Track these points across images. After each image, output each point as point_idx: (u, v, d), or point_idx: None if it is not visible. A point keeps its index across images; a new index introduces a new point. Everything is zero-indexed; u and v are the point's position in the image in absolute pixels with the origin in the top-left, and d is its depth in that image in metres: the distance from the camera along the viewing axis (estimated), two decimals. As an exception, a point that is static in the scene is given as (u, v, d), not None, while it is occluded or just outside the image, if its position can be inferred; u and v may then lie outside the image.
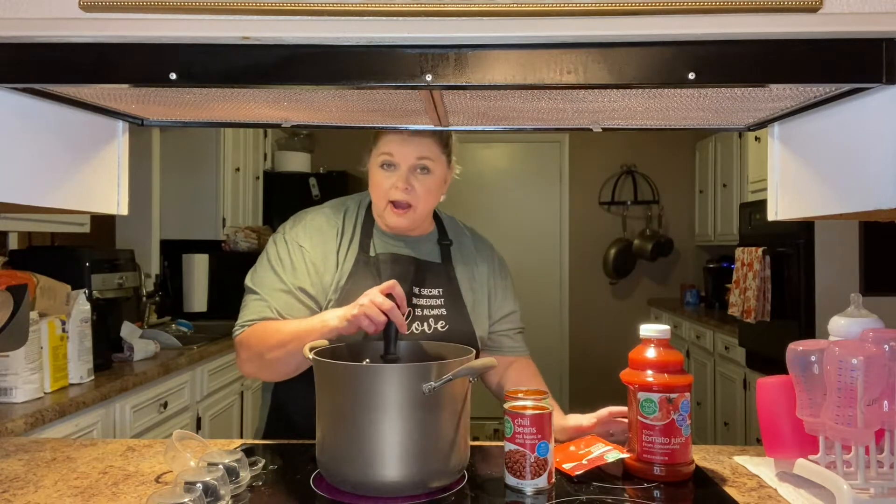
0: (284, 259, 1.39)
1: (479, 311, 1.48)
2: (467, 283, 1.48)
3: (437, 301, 1.42)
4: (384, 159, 1.37)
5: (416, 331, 1.38)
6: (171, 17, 0.86)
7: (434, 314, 1.41)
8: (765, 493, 1.09)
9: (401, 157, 1.36)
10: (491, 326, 1.52)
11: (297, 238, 1.41)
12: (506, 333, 1.54)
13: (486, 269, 1.52)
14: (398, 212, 1.38)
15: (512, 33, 0.86)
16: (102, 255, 2.49)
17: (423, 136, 1.36)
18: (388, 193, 1.37)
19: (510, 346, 1.54)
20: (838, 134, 0.99)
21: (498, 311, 1.52)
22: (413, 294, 1.40)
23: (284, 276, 1.37)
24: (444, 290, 1.44)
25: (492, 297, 1.51)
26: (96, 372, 2.24)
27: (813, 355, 1.03)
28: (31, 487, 1.11)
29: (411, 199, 1.37)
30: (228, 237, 3.86)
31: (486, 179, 5.38)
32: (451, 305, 1.43)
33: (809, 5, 0.82)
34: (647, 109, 1.07)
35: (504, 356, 1.52)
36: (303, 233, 1.41)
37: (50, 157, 1.02)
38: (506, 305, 1.54)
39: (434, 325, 1.40)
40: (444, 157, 1.41)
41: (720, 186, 4.66)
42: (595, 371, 5.21)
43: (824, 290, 3.00)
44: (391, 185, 1.37)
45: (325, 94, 1.00)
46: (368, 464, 1.04)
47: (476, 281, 1.50)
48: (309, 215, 1.45)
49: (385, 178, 1.37)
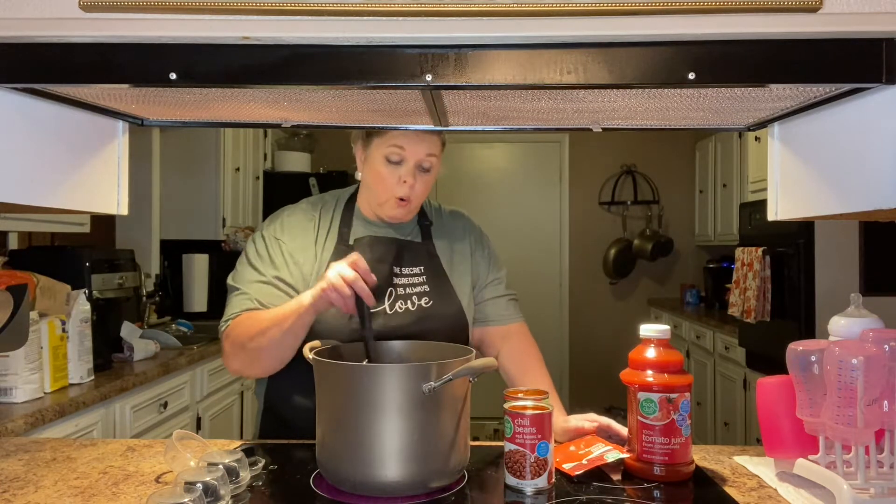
0: (262, 253, 1.40)
1: (462, 283, 1.48)
2: (448, 256, 1.49)
3: (418, 279, 1.43)
4: (392, 152, 1.36)
5: (400, 309, 1.38)
6: (171, 17, 0.86)
7: (417, 291, 1.41)
8: (765, 493, 1.09)
9: (411, 153, 1.36)
10: (476, 295, 1.52)
11: (274, 233, 1.42)
12: (493, 301, 1.53)
13: (464, 240, 1.53)
14: (402, 204, 1.39)
15: (512, 33, 0.86)
16: (102, 255, 2.49)
17: (430, 133, 1.37)
18: (395, 189, 1.37)
19: (499, 314, 1.53)
20: (838, 134, 0.99)
21: (481, 278, 1.53)
22: (394, 274, 1.41)
23: (263, 269, 1.38)
24: (426, 266, 1.45)
25: (474, 266, 1.52)
26: (96, 372, 2.24)
27: (813, 355, 1.03)
28: (31, 487, 1.11)
29: (412, 195, 1.38)
30: (228, 237, 3.86)
31: (486, 179, 5.39)
32: (433, 282, 1.44)
33: (809, 5, 0.82)
34: (647, 109, 1.07)
35: (496, 326, 1.52)
36: (279, 228, 1.43)
37: (50, 157, 1.02)
38: (489, 273, 1.54)
39: (418, 301, 1.40)
40: (441, 155, 1.43)
41: (720, 186, 4.66)
42: (595, 371, 5.21)
43: (824, 290, 3.00)
44: (398, 180, 1.37)
45: (325, 94, 1.00)
46: (368, 464, 1.04)
47: (456, 253, 1.50)
48: (285, 212, 1.47)
49: (391, 173, 1.37)
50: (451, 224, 1.55)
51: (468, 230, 1.56)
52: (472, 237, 1.55)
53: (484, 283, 1.53)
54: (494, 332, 1.52)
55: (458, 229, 1.55)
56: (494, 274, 1.55)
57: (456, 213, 1.58)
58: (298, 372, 1.28)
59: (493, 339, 1.52)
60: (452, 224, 1.55)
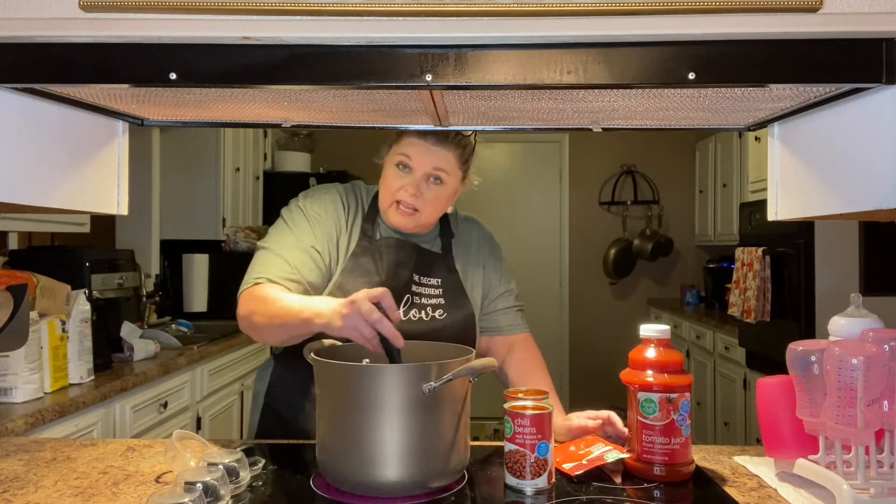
0: (299, 221, 1.39)
1: (474, 294, 1.49)
2: (463, 268, 1.49)
3: (435, 290, 1.43)
4: (401, 160, 1.36)
5: (414, 317, 1.39)
6: (171, 17, 0.86)
7: (432, 303, 1.42)
8: (765, 493, 1.09)
9: (417, 163, 1.35)
10: (486, 306, 1.52)
11: (311, 206, 1.41)
12: (502, 311, 1.54)
13: (479, 250, 1.54)
14: (403, 211, 1.37)
15: (512, 33, 0.86)
16: (102, 255, 2.49)
17: (444, 148, 1.35)
18: (396, 193, 1.37)
19: (507, 323, 1.54)
20: (838, 134, 0.99)
21: (492, 290, 1.53)
22: (413, 281, 1.41)
23: (299, 235, 1.37)
24: (443, 280, 1.45)
25: (486, 278, 1.52)
26: (96, 372, 2.24)
27: (813, 355, 1.03)
28: (31, 487, 1.11)
29: (418, 205, 1.37)
30: (228, 237, 3.86)
31: (486, 179, 5.32)
32: (449, 294, 1.44)
33: (809, 5, 0.82)
34: (647, 109, 1.07)
35: (503, 336, 1.53)
36: (317, 204, 1.42)
37: (50, 157, 1.02)
38: (500, 284, 1.54)
39: (432, 313, 1.41)
40: (461, 171, 1.41)
41: (720, 186, 4.66)
42: (595, 371, 5.21)
43: (824, 290, 3.00)
44: (401, 186, 1.36)
45: (325, 94, 1.00)
46: (368, 464, 1.04)
47: (469, 263, 1.51)
48: (320, 190, 1.46)
49: (397, 179, 1.37)
50: (467, 234, 1.54)
51: (482, 239, 1.56)
52: (485, 248, 1.55)
53: (495, 295, 1.53)
54: (501, 342, 1.53)
55: (473, 238, 1.55)
56: (505, 286, 1.55)
57: (470, 220, 1.58)
58: (298, 370, 1.28)
59: (498, 348, 1.53)
60: (468, 234, 1.55)
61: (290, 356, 1.34)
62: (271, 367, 1.49)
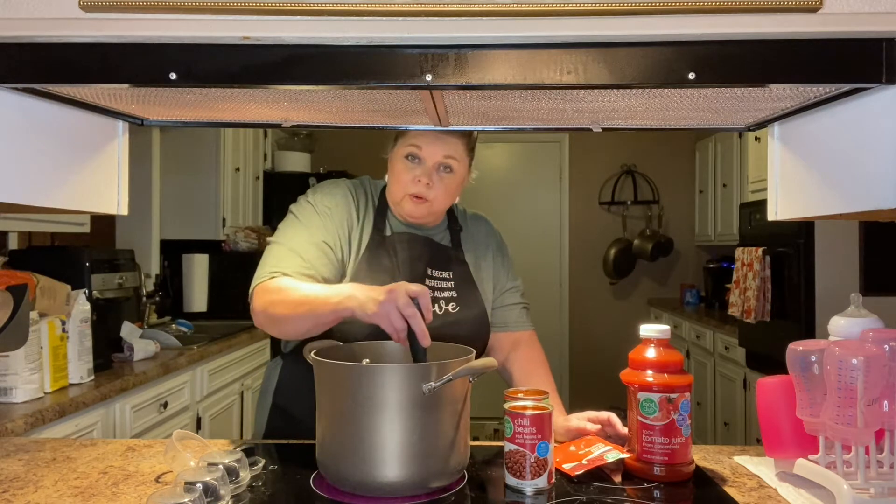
0: (311, 216, 1.38)
1: (486, 289, 1.50)
2: (473, 262, 1.50)
3: (447, 284, 1.44)
4: (411, 151, 1.36)
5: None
6: (172, 17, 0.86)
7: (445, 296, 1.42)
8: (765, 493, 1.09)
9: (428, 153, 1.36)
10: (494, 302, 1.53)
11: (322, 201, 1.41)
12: (510, 307, 1.55)
13: (488, 246, 1.55)
14: (417, 201, 1.38)
15: (512, 33, 0.86)
16: (102, 255, 2.49)
17: (452, 136, 1.36)
18: (408, 186, 1.37)
19: (514, 320, 1.55)
20: (838, 134, 0.99)
21: (500, 285, 1.54)
22: (427, 275, 1.41)
23: (311, 230, 1.36)
24: (455, 273, 1.46)
25: (495, 273, 1.54)
26: (96, 372, 2.24)
27: (813, 355, 1.03)
28: (31, 487, 1.11)
29: (429, 195, 1.37)
30: (228, 237, 3.86)
31: (487, 179, 5.37)
32: (461, 288, 1.45)
33: (809, 5, 0.82)
34: (647, 109, 1.07)
35: (509, 332, 1.54)
36: (327, 198, 1.41)
37: (50, 157, 1.02)
38: (507, 280, 1.55)
39: (445, 306, 1.41)
40: (468, 159, 1.42)
41: (720, 186, 4.66)
42: (595, 371, 5.21)
43: (824, 290, 3.00)
44: (413, 179, 1.37)
45: (325, 94, 1.00)
46: (368, 464, 1.04)
47: (480, 258, 1.52)
48: (329, 185, 1.46)
49: (407, 171, 1.37)
50: (475, 229, 1.56)
51: (490, 235, 1.57)
52: (494, 243, 1.56)
53: (502, 290, 1.54)
54: (505, 338, 1.54)
55: (482, 234, 1.56)
56: (512, 282, 1.56)
57: (478, 217, 1.59)
58: (309, 368, 1.28)
59: (502, 344, 1.53)
60: (476, 229, 1.56)
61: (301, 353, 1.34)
62: (280, 366, 1.48)
